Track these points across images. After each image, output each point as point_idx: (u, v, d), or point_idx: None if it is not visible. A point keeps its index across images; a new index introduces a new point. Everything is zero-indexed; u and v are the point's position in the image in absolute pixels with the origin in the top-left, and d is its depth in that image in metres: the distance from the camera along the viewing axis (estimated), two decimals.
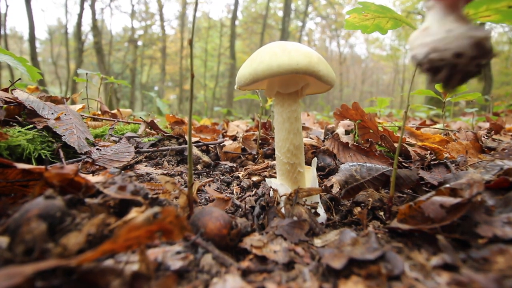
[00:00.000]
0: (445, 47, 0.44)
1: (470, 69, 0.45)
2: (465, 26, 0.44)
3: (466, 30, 0.44)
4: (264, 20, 21.50)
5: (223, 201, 0.83)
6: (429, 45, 0.46)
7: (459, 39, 0.44)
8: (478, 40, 0.43)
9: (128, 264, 0.47)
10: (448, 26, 0.45)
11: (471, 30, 0.44)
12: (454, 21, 0.46)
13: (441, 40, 0.45)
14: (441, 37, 0.45)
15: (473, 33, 0.43)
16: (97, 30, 17.14)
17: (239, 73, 0.73)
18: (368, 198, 0.83)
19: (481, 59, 0.44)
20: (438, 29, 0.46)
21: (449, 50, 0.44)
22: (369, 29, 0.97)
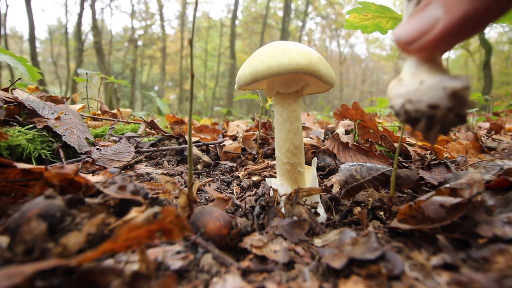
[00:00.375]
0: (418, 98, 0.43)
1: (450, 119, 0.43)
2: (438, 76, 0.43)
3: (439, 81, 0.43)
4: (264, 20, 21.49)
5: (223, 201, 0.83)
6: (403, 96, 0.45)
7: (432, 90, 0.43)
8: (453, 91, 0.42)
9: (128, 263, 0.47)
10: (421, 77, 0.44)
11: (445, 81, 0.42)
12: (427, 72, 0.45)
13: (414, 92, 0.44)
14: (414, 89, 0.44)
15: (447, 83, 0.42)
16: (97, 30, 17.14)
17: (239, 73, 0.73)
18: (368, 198, 0.83)
19: (459, 110, 0.43)
20: (411, 80, 0.45)
21: (423, 102, 0.43)
22: (369, 29, 0.97)
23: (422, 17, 0.42)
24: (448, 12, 0.38)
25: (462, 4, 0.37)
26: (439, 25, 0.40)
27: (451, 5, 0.38)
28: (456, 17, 0.38)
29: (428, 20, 0.41)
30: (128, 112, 2.94)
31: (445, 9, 0.39)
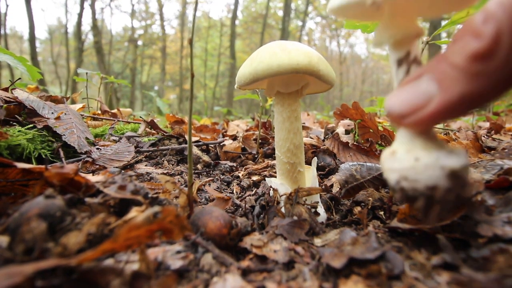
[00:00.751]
0: (415, 177, 0.40)
1: (450, 199, 0.40)
2: (435, 153, 0.41)
3: (436, 159, 0.40)
4: (264, 20, 21.49)
5: (223, 200, 0.83)
6: (398, 172, 0.42)
7: (429, 169, 0.40)
8: (451, 171, 0.39)
9: (128, 263, 0.47)
10: (416, 153, 0.41)
11: (442, 159, 0.40)
12: (423, 147, 0.42)
13: (409, 169, 0.41)
14: (409, 166, 0.41)
15: (445, 162, 0.39)
16: (97, 29, 17.15)
17: (239, 73, 0.73)
18: (368, 197, 0.83)
19: (460, 191, 0.40)
20: (406, 156, 0.42)
21: (420, 181, 0.40)
22: (369, 29, 0.97)
23: (415, 90, 0.40)
24: (444, 91, 0.37)
25: (459, 85, 0.36)
26: (434, 104, 0.38)
27: (447, 84, 0.37)
28: (451, 98, 0.36)
29: (421, 96, 0.39)
30: (128, 111, 2.94)
31: (440, 86, 0.38)
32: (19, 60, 1.39)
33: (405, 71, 0.48)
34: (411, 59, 0.48)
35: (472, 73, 0.34)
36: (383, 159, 0.46)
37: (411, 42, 0.48)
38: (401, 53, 0.48)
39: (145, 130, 1.89)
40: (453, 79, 0.36)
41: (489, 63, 0.33)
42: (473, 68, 0.34)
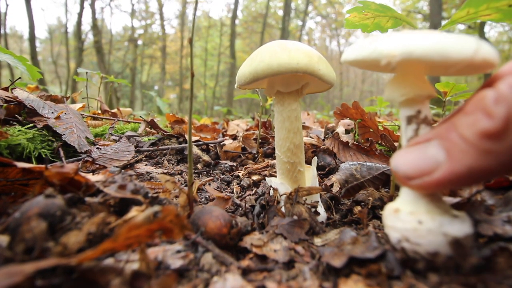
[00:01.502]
0: (417, 241, 0.41)
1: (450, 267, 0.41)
2: (438, 218, 0.41)
3: (439, 225, 0.40)
4: (264, 19, 21.48)
5: (223, 200, 0.83)
6: (400, 232, 0.43)
7: (431, 234, 0.40)
8: (454, 239, 0.39)
9: (128, 263, 0.47)
10: (419, 216, 0.42)
11: (445, 225, 0.40)
12: (426, 210, 0.42)
13: (411, 231, 0.42)
14: (412, 228, 0.42)
15: (448, 230, 0.40)
16: (97, 29, 17.14)
17: (239, 72, 0.73)
18: (368, 197, 0.83)
19: (460, 261, 0.40)
20: (409, 217, 0.43)
21: (422, 245, 0.41)
22: (370, 28, 0.97)
23: (423, 155, 0.41)
24: (452, 161, 0.37)
25: (468, 158, 0.36)
26: (440, 172, 0.38)
27: (455, 155, 0.37)
28: (459, 169, 0.37)
29: (428, 161, 0.40)
30: (128, 111, 2.94)
31: (448, 156, 0.38)
32: (19, 59, 1.39)
33: (414, 129, 0.48)
34: (421, 118, 0.48)
35: (482, 150, 0.35)
36: (386, 214, 0.47)
37: (422, 102, 0.49)
38: (411, 111, 0.49)
39: (145, 129, 1.89)
40: (463, 151, 0.36)
41: (499, 143, 0.34)
42: (484, 146, 0.35)
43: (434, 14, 10.14)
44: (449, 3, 13.53)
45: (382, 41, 0.42)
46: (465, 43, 0.38)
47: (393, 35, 0.42)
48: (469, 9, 0.77)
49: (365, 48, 0.44)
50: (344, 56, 0.49)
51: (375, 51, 0.42)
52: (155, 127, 1.87)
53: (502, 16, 0.75)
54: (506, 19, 0.76)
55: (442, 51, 0.37)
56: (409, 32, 0.41)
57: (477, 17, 0.79)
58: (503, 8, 0.73)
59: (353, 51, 0.46)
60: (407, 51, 0.39)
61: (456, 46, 0.38)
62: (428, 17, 13.69)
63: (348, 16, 0.95)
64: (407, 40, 0.40)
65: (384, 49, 0.41)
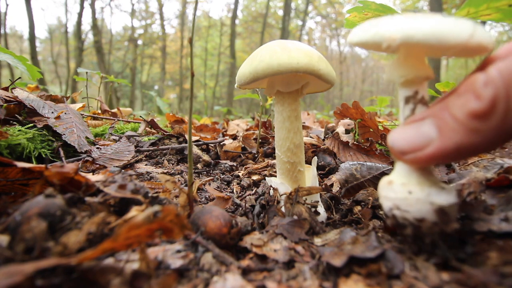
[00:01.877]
0: (406, 208, 0.45)
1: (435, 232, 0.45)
2: (427, 189, 0.45)
3: (427, 195, 0.45)
4: (264, 19, 21.48)
5: (223, 200, 0.83)
6: (392, 201, 0.48)
7: (419, 203, 0.44)
8: (439, 207, 0.43)
9: (128, 262, 0.47)
10: (410, 187, 0.46)
11: (433, 195, 0.44)
12: (417, 182, 0.46)
13: (402, 200, 0.46)
14: (403, 197, 0.46)
15: (434, 199, 0.44)
16: (97, 29, 17.14)
17: (239, 72, 0.73)
18: (368, 197, 0.83)
19: (444, 227, 0.44)
20: (400, 188, 0.47)
21: (410, 213, 0.45)
22: None
23: (417, 132, 0.44)
24: (442, 138, 0.41)
25: (456, 136, 0.40)
26: (432, 147, 0.42)
27: (446, 132, 0.41)
28: (448, 145, 0.40)
29: (421, 138, 0.43)
30: (128, 111, 2.94)
31: (440, 133, 0.42)
32: (19, 59, 1.39)
33: (411, 108, 0.51)
34: (418, 99, 0.51)
35: (470, 129, 0.39)
36: (381, 186, 0.51)
37: (420, 83, 0.52)
38: (409, 91, 0.52)
39: (145, 129, 1.89)
40: (452, 129, 0.40)
41: (485, 123, 0.38)
42: (471, 125, 0.38)
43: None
44: (449, 3, 13.53)
45: (383, 24, 0.44)
46: (461, 28, 0.40)
47: (394, 19, 0.44)
48: (469, 8, 0.77)
49: (367, 31, 0.46)
50: (349, 38, 0.51)
51: (376, 34, 0.44)
52: (155, 127, 1.87)
53: (502, 15, 0.75)
54: (506, 18, 0.76)
55: (439, 36, 0.40)
56: (409, 16, 0.43)
57: (477, 16, 0.79)
58: (503, 8, 0.73)
59: (356, 34, 0.48)
60: (406, 35, 0.41)
61: (452, 31, 0.40)
62: None
63: (348, 16, 0.95)
64: (407, 24, 0.42)
65: (385, 32, 0.43)
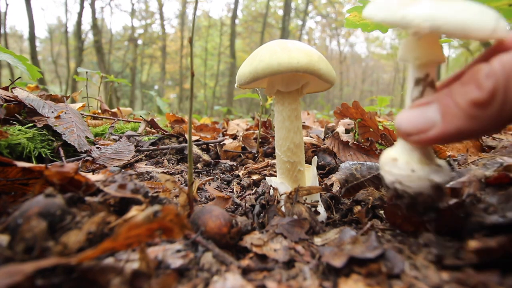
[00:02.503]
0: (408, 184, 0.52)
1: (428, 203, 0.52)
2: (427, 168, 0.51)
3: (427, 173, 0.51)
4: (264, 19, 21.47)
5: (223, 199, 0.83)
6: (395, 176, 0.53)
7: (420, 180, 0.51)
8: (436, 184, 0.50)
9: (128, 262, 0.47)
10: (413, 165, 0.52)
11: (431, 174, 0.51)
12: (419, 161, 0.52)
13: (405, 177, 0.52)
14: (406, 174, 0.52)
15: (433, 177, 0.51)
16: (97, 29, 17.14)
17: (239, 72, 0.73)
18: (368, 196, 0.83)
19: (436, 201, 0.52)
20: (404, 166, 0.52)
21: (411, 188, 0.52)
22: (370, 27, 0.97)
23: (422, 115, 0.48)
24: (444, 122, 0.45)
25: (458, 121, 0.44)
26: (435, 130, 0.46)
27: (448, 117, 0.45)
28: (450, 129, 0.45)
29: (426, 121, 0.47)
30: (128, 111, 2.94)
31: (443, 118, 0.46)
32: (19, 59, 1.39)
33: (420, 91, 0.54)
34: (428, 81, 0.53)
35: (470, 115, 0.43)
36: (384, 161, 0.55)
37: (432, 66, 0.54)
38: (421, 74, 0.54)
39: (145, 129, 1.89)
40: (454, 115, 0.44)
41: (484, 111, 0.41)
42: (471, 112, 0.42)
43: None
44: None
45: (412, 9, 0.44)
46: (486, 22, 0.42)
47: (422, 6, 0.44)
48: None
49: (394, 12, 0.45)
50: (368, 12, 0.50)
51: (404, 18, 0.44)
52: (155, 126, 1.87)
53: (502, 15, 0.75)
54: (506, 18, 0.76)
55: (465, 28, 0.42)
56: (436, 4, 0.43)
57: None
58: (503, 7, 0.73)
59: (380, 11, 0.47)
60: (435, 25, 0.42)
61: (478, 24, 0.42)
62: None
63: (348, 15, 0.95)
64: (436, 12, 0.42)
65: (414, 19, 0.43)
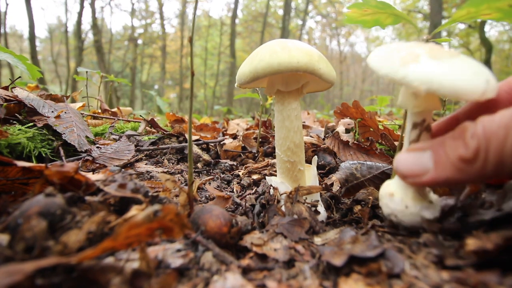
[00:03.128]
0: (402, 218, 0.60)
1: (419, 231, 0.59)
2: (420, 204, 0.58)
3: (419, 210, 0.58)
4: (264, 19, 21.45)
5: (224, 199, 0.83)
6: (391, 209, 0.61)
7: (413, 215, 0.58)
8: (426, 219, 0.58)
9: (128, 261, 0.47)
10: (407, 202, 0.59)
11: (423, 210, 0.58)
12: (412, 198, 0.59)
13: (399, 212, 0.60)
14: (400, 209, 0.59)
15: (424, 213, 0.58)
16: (97, 28, 17.13)
17: (239, 71, 0.73)
18: (368, 196, 0.83)
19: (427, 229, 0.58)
20: (399, 202, 0.60)
21: (405, 221, 0.60)
22: (369, 24, 0.96)
23: (417, 160, 0.55)
24: (436, 170, 0.51)
25: (448, 171, 0.50)
26: (428, 176, 0.53)
27: (440, 166, 0.51)
28: (441, 177, 0.51)
29: (421, 167, 0.54)
30: (128, 110, 2.94)
31: (435, 165, 0.52)
32: (19, 58, 1.39)
33: (417, 134, 0.60)
34: (424, 126, 0.60)
35: (458, 168, 0.49)
36: (382, 194, 0.63)
37: (428, 113, 0.60)
38: (418, 119, 0.60)
39: (145, 129, 1.89)
40: (445, 166, 0.50)
41: (470, 166, 0.48)
42: (459, 165, 0.49)
43: (434, 13, 10.12)
44: (449, 3, 13.51)
45: (412, 72, 0.49)
46: (477, 86, 0.47)
47: (420, 65, 0.49)
48: (470, 8, 0.77)
49: (396, 71, 0.50)
50: (372, 64, 0.54)
51: (405, 79, 0.49)
52: (155, 126, 1.87)
53: (502, 15, 0.75)
54: (506, 18, 0.76)
55: (458, 92, 0.47)
56: (433, 67, 0.48)
57: (477, 16, 0.78)
58: (504, 7, 0.73)
59: (383, 68, 0.52)
60: (432, 89, 0.47)
61: (469, 88, 0.47)
62: (428, 16, 13.67)
63: (348, 11, 0.95)
64: (433, 76, 0.47)
65: (413, 81, 0.48)
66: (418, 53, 0.51)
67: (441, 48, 0.53)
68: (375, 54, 0.55)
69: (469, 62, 0.51)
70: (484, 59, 10.52)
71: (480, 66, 0.51)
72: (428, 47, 0.53)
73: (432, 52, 0.51)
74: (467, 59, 0.51)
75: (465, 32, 16.86)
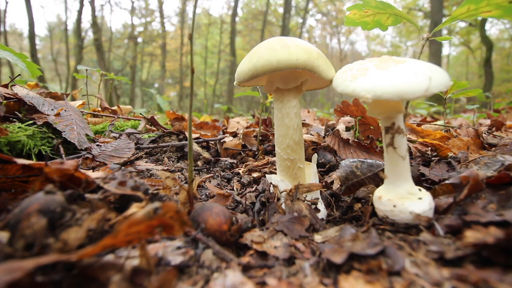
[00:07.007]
0: (392, 218, 0.65)
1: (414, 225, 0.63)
2: (407, 202, 0.63)
3: (406, 207, 0.63)
4: (264, 17, 21.40)
5: (224, 197, 0.83)
6: (382, 212, 0.66)
7: (402, 213, 0.63)
8: (416, 214, 0.62)
9: (128, 259, 0.47)
10: (394, 202, 0.64)
11: (412, 206, 0.62)
12: (400, 196, 0.65)
13: (389, 212, 0.65)
14: (389, 210, 0.65)
15: (412, 209, 0.62)
16: (97, 27, 17.09)
17: (238, 69, 0.73)
18: (368, 194, 0.83)
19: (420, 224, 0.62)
20: (387, 202, 0.65)
21: (396, 220, 0.64)
22: (370, 26, 0.96)
23: None
24: None
25: None
26: None
27: None
28: None
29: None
30: (128, 109, 2.94)
31: None
32: (18, 56, 1.38)
33: (390, 137, 0.67)
34: (395, 129, 0.67)
35: None
36: (374, 199, 0.70)
37: (395, 117, 0.66)
38: (388, 123, 0.67)
39: (145, 127, 1.89)
40: None
41: None
42: None
43: (435, 11, 10.10)
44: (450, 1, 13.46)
45: (359, 84, 0.57)
46: (419, 85, 0.53)
47: (367, 78, 0.56)
48: (470, 5, 0.77)
49: (347, 86, 0.59)
50: (334, 85, 0.66)
51: (354, 91, 0.57)
52: (155, 124, 1.87)
53: (502, 12, 0.75)
54: (506, 15, 0.76)
55: (401, 94, 0.53)
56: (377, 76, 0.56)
57: (477, 13, 0.78)
58: (504, 4, 0.73)
59: (339, 85, 0.62)
60: (376, 95, 0.54)
61: (411, 88, 0.53)
62: (429, 14, 13.63)
63: (348, 13, 0.94)
64: (375, 85, 0.55)
65: (360, 91, 0.56)
66: (367, 67, 0.58)
67: (390, 59, 0.60)
68: (335, 76, 0.66)
69: (414, 65, 0.56)
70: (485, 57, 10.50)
71: (424, 66, 0.56)
72: (379, 60, 0.60)
73: (380, 63, 0.58)
74: (413, 62, 0.57)
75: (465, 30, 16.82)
